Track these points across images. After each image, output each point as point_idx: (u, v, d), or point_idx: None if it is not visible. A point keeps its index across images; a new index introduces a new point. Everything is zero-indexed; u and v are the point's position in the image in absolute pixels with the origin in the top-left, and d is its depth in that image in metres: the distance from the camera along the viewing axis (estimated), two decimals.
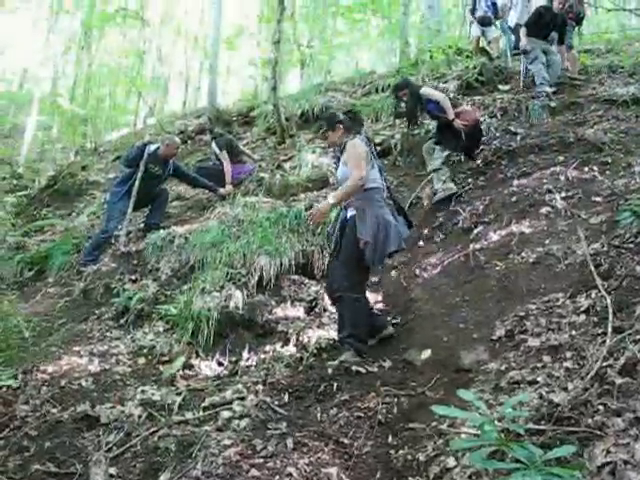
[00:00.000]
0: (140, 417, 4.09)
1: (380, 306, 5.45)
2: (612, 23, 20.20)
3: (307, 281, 6.19)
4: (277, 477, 3.12)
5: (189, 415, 4.12)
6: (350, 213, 4.67)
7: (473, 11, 11.83)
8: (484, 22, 11.60)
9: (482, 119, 7.97)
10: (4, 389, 4.36)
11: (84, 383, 4.62)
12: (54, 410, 4.10)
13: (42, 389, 4.42)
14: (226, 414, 4.04)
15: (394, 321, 5.08)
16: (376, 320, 4.94)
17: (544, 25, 8.75)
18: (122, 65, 21.83)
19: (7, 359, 5.00)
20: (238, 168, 8.74)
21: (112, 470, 3.35)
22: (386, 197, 4.80)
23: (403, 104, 7.38)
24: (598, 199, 5.35)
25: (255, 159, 9.67)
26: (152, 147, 7.92)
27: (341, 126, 4.92)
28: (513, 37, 11.04)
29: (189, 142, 12.48)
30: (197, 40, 23.73)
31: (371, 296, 5.54)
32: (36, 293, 7.06)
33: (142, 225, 8.18)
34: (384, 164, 8.08)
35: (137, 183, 7.61)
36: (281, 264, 6.10)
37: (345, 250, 4.63)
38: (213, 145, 8.79)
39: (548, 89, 8.42)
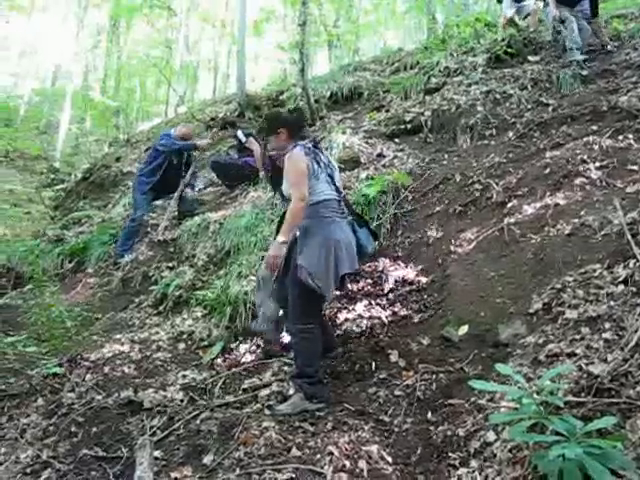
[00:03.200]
0: (182, 401, 4.19)
1: (421, 280, 5.39)
2: None
3: None
4: (318, 456, 3.17)
5: (230, 398, 4.19)
6: (297, 232, 4.03)
7: None
8: None
9: (512, 91, 7.84)
10: (51, 377, 4.49)
11: (127, 370, 4.74)
12: (99, 397, 4.22)
13: (86, 377, 4.55)
14: (266, 395, 4.10)
15: (429, 298, 5.05)
16: (327, 342, 4.37)
17: None
18: (151, 55, 21.97)
19: (52, 349, 5.16)
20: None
21: (157, 453, 3.44)
22: (341, 209, 4.14)
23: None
24: (634, 167, 5.23)
25: None
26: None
27: (284, 130, 4.18)
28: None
29: (220, 129, 12.53)
30: (224, 26, 23.72)
31: (406, 273, 5.52)
32: (76, 284, 7.22)
33: (176, 213, 8.26)
34: (414, 142, 8.06)
35: (188, 176, 8.21)
36: None
37: (292, 275, 3.95)
38: (239, 133, 8.78)
39: (579, 57, 8.23)
